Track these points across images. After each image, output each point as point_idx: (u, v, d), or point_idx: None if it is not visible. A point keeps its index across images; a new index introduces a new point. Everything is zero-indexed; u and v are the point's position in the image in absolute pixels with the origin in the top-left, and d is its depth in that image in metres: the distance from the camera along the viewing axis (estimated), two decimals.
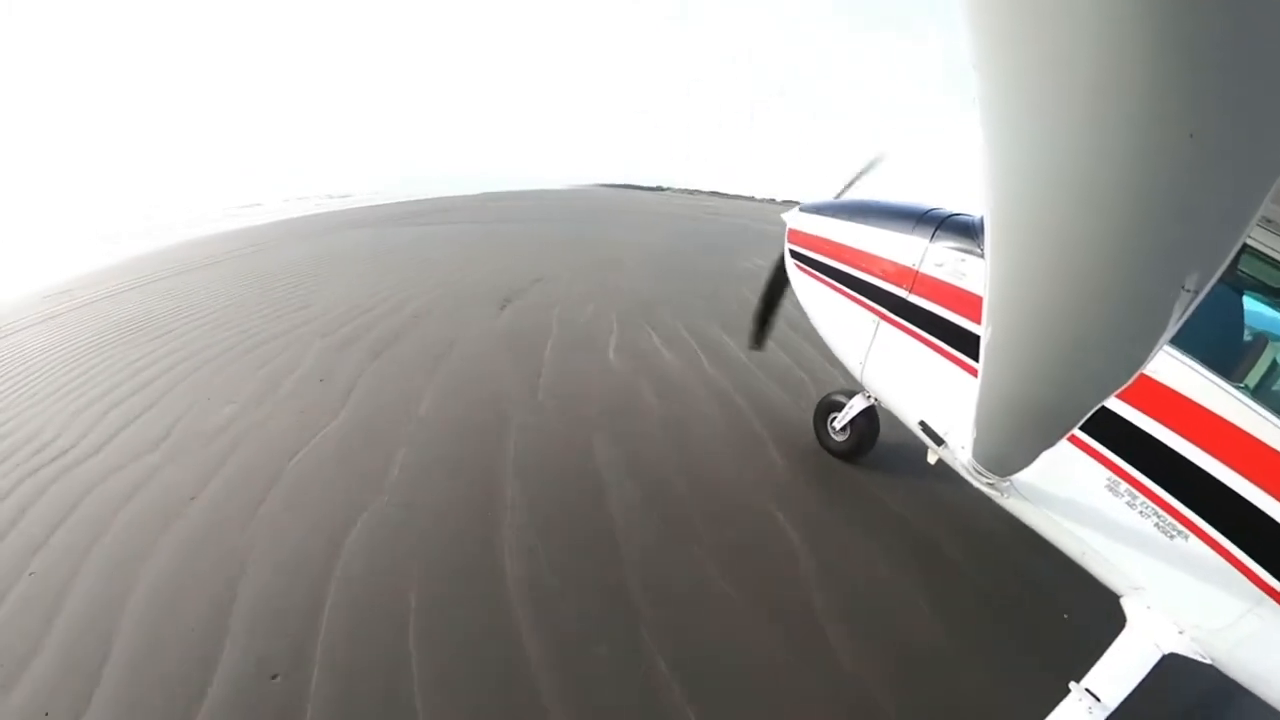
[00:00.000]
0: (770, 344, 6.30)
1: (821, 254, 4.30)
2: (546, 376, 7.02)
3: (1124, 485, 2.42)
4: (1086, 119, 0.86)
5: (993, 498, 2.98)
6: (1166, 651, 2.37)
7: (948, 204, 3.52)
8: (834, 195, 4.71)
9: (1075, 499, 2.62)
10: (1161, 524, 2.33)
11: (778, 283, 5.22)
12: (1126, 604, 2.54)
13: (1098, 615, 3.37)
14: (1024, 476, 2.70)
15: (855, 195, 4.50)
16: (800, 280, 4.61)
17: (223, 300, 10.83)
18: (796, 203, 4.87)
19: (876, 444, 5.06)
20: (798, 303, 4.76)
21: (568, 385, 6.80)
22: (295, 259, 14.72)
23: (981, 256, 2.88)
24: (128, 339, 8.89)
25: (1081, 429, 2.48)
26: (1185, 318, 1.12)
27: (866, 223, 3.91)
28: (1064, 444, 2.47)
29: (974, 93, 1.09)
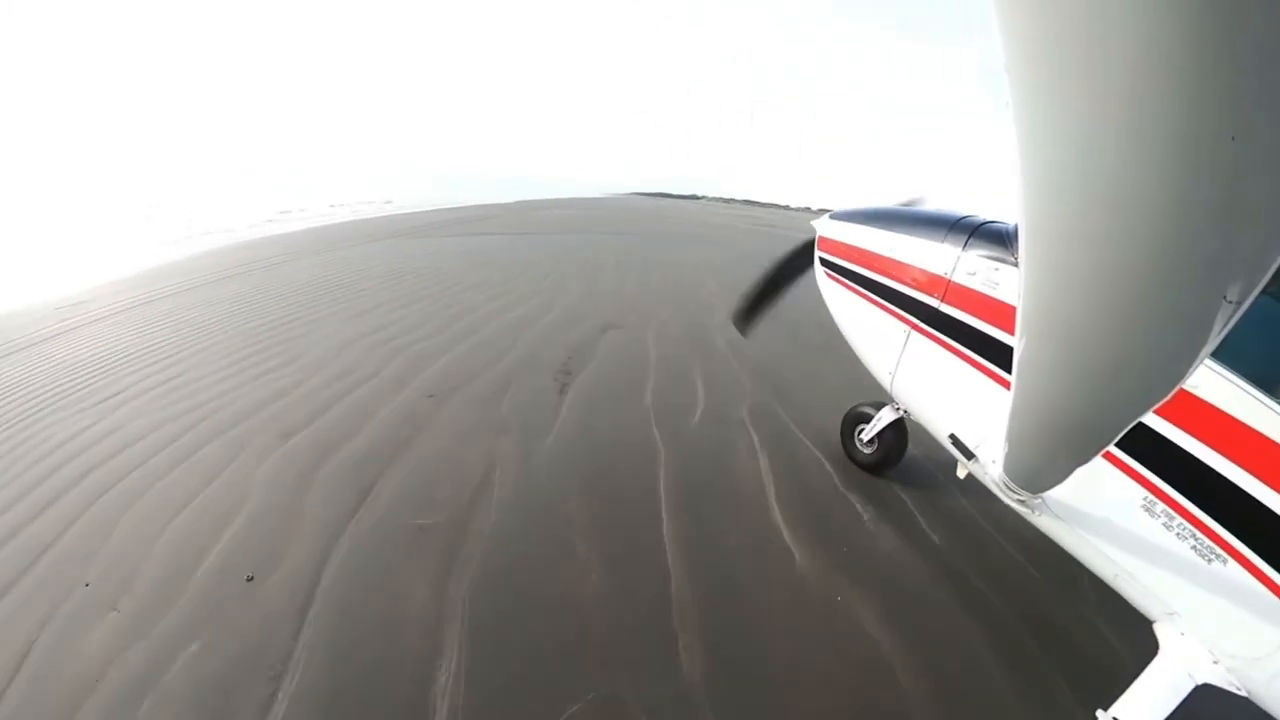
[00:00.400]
0: None
1: (852, 262, 4.26)
2: (686, 613, 3.43)
3: (1160, 505, 2.35)
4: (1124, 122, 0.85)
5: (1024, 515, 2.91)
6: (1200, 682, 2.29)
7: (979, 210, 3.47)
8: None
9: (1109, 518, 2.55)
10: (1199, 546, 2.25)
11: (780, 276, 5.20)
12: (1159, 630, 2.45)
13: (1129, 640, 3.30)
14: (1057, 494, 2.63)
15: (884, 203, 4.45)
16: (829, 288, 4.57)
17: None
18: (829, 211, 4.85)
19: (904, 457, 4.98)
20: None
21: (734, 640, 3.26)
22: (292, 288, 11.94)
23: (1015, 265, 2.83)
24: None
25: (1117, 445, 2.41)
26: (1227, 330, 1.08)
27: (898, 231, 3.86)
28: (1099, 461, 2.41)
29: (1007, 96, 1.08)
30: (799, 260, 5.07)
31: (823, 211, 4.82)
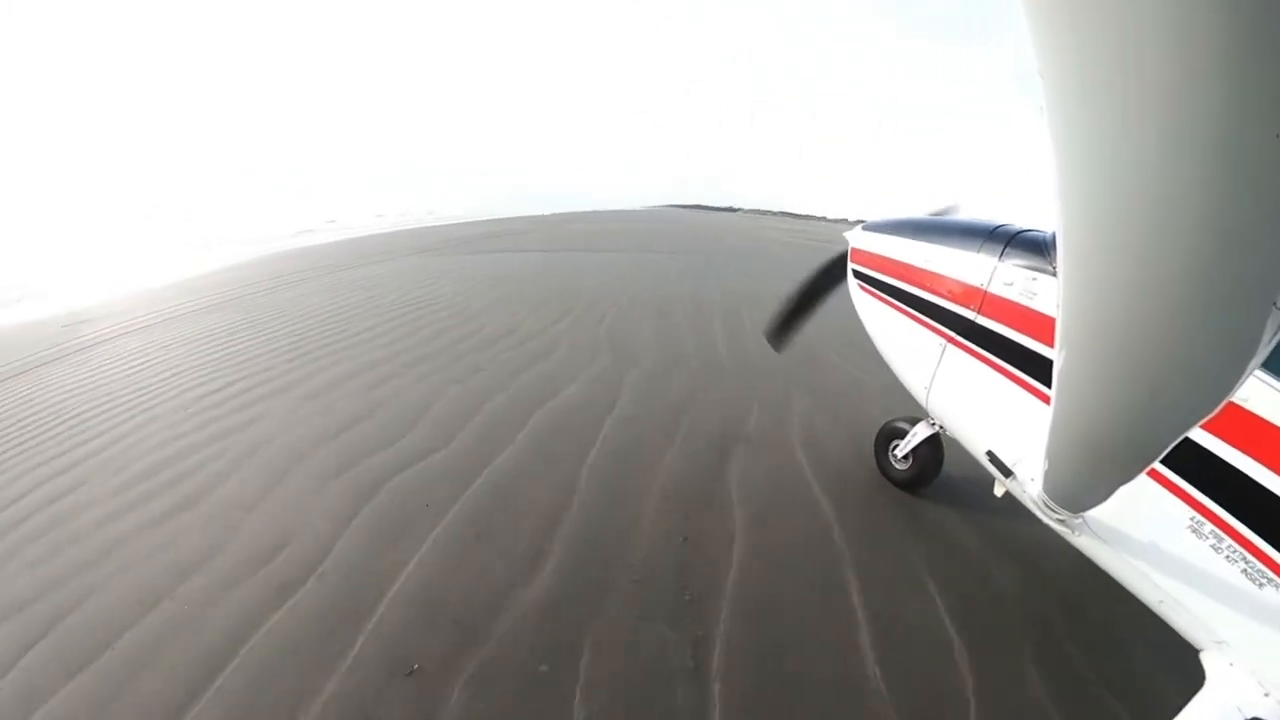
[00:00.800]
0: None
1: (885, 273, 4.20)
2: None
3: (1209, 526, 2.24)
4: (1163, 123, 0.82)
5: (1063, 535, 2.81)
6: (1249, 717, 2.16)
7: (1011, 217, 3.39)
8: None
9: (1154, 540, 2.44)
10: (1250, 570, 2.13)
11: (818, 287, 5.14)
12: (1206, 660, 2.32)
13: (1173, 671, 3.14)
14: (1098, 514, 2.53)
15: (918, 213, 4.39)
16: (863, 301, 4.51)
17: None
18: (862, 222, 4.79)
19: (940, 474, 4.86)
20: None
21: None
22: (258, 341, 9.31)
23: (1054, 275, 2.75)
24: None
25: (1163, 462, 2.31)
26: (1278, 339, 1.04)
27: (932, 241, 3.80)
28: (1143, 479, 2.31)
29: (1042, 100, 1.05)
30: (835, 271, 5.01)
31: (859, 222, 4.77)
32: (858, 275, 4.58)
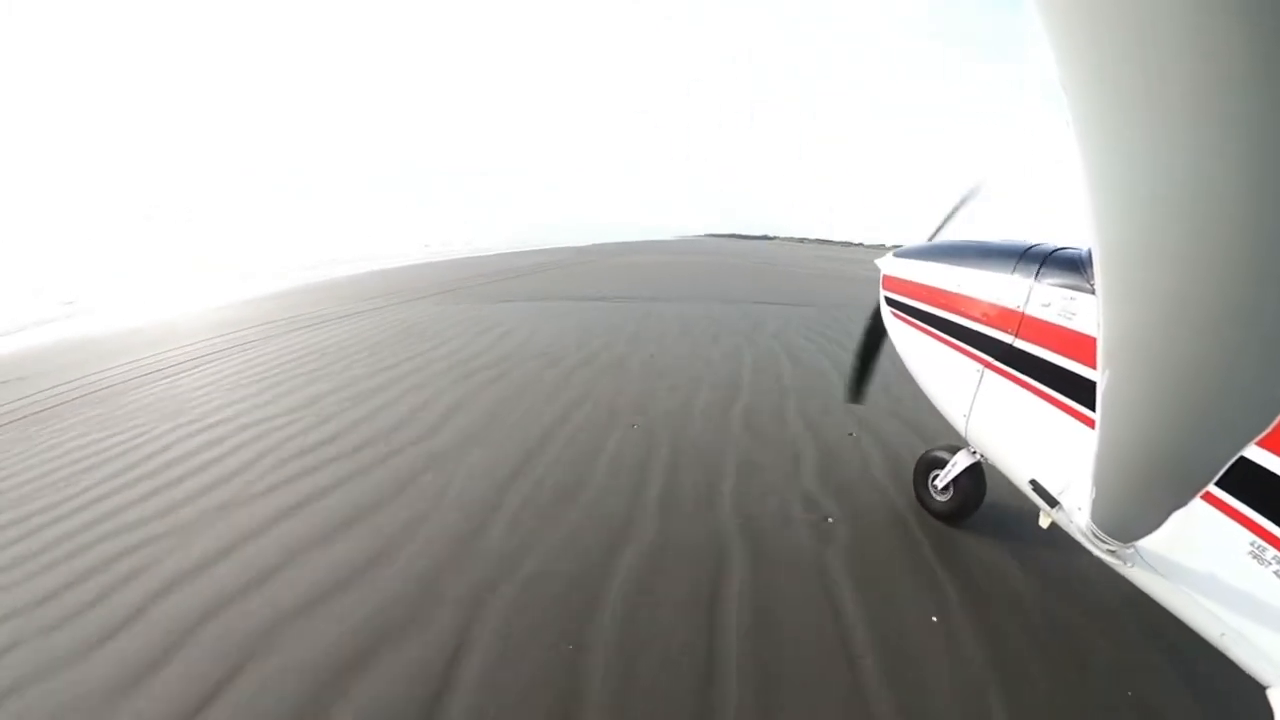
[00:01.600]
0: None
1: (919, 300, 4.16)
2: None
3: (1271, 551, 2.11)
4: (1198, 127, 0.81)
5: (1114, 567, 2.68)
6: None
7: (1051, 238, 3.33)
8: (930, 233, 4.58)
9: (1212, 569, 2.31)
10: None
11: (875, 331, 5.09)
12: (1274, 696, 2.18)
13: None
14: (1151, 543, 2.42)
15: (949, 236, 4.35)
16: (897, 329, 4.47)
17: None
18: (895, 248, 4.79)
19: (981, 505, 4.71)
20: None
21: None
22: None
23: (1092, 292, 2.69)
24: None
25: (1218, 484, 2.20)
26: None
27: (964, 264, 3.75)
28: (1197, 503, 2.20)
29: (1066, 113, 1.05)
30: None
31: (894, 247, 4.76)
32: (891, 303, 4.55)
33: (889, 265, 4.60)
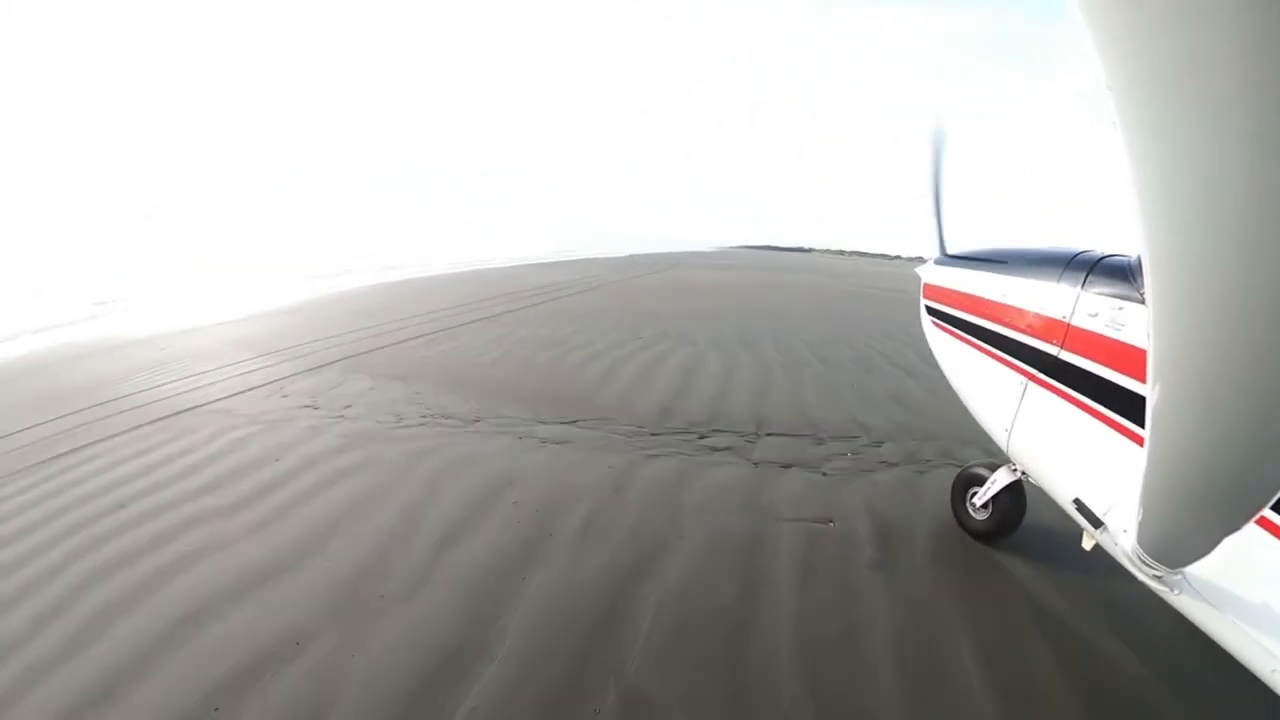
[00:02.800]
0: None
1: (960, 309, 4.06)
2: None
3: None
4: (1254, 127, 0.75)
5: (1160, 594, 2.56)
6: None
7: (1099, 245, 3.21)
8: (934, 231, 4.49)
9: (1266, 600, 2.17)
10: None
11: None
12: None
13: None
14: (1200, 569, 2.29)
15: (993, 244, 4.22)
16: (938, 338, 4.37)
17: None
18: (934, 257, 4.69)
19: (1022, 524, 4.55)
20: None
21: None
22: None
23: (1142, 302, 2.58)
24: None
25: (1274, 508, 2.08)
26: None
27: (1008, 272, 3.64)
28: (1251, 528, 2.08)
29: (1113, 115, 1.00)
30: None
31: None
32: (931, 311, 4.45)
33: (929, 273, 4.51)
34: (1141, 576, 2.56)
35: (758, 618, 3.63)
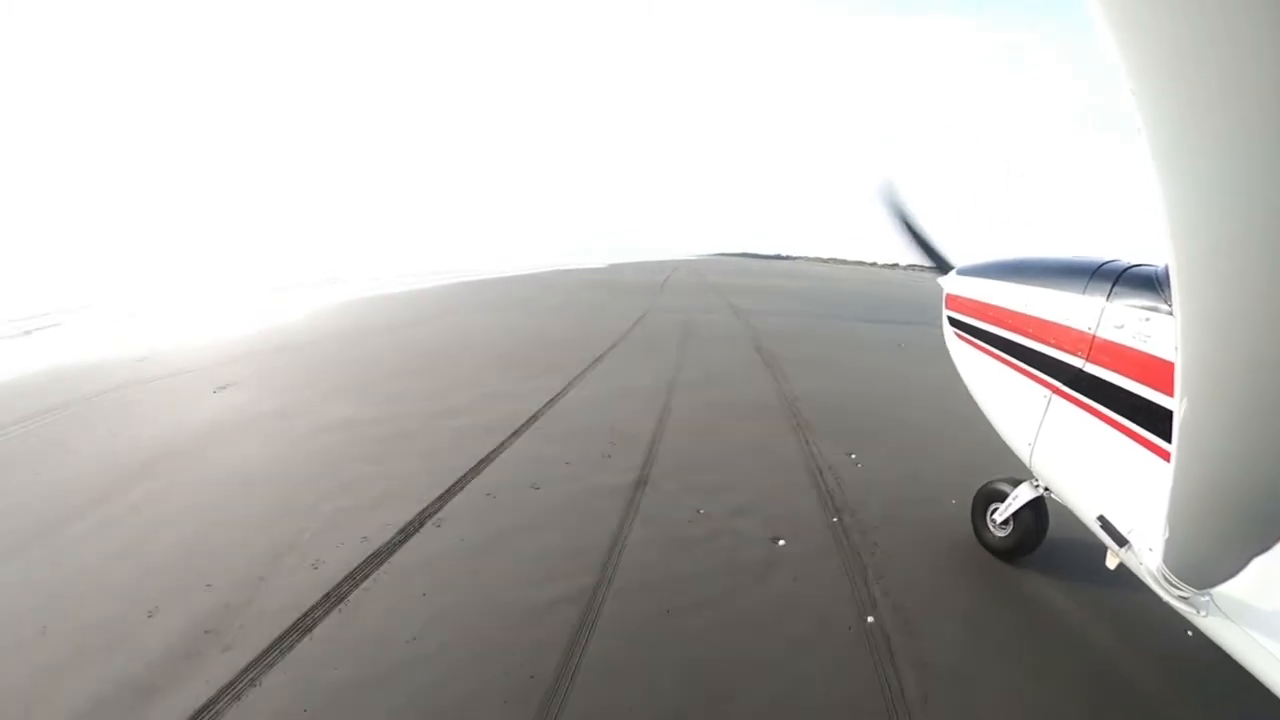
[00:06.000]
0: None
1: (982, 319, 4.00)
2: None
3: None
4: None
5: (1187, 616, 2.48)
6: None
7: (1125, 255, 3.15)
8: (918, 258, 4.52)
9: None
10: None
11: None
12: None
13: None
14: (1229, 590, 2.22)
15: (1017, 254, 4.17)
16: (959, 350, 4.31)
17: None
18: (921, 267, 4.68)
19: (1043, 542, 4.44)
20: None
21: None
22: None
23: (1170, 313, 2.52)
24: None
25: None
26: None
27: (1031, 282, 3.59)
28: None
29: (1137, 121, 0.98)
30: None
31: (912, 268, 4.66)
32: (953, 323, 4.40)
33: (951, 283, 4.45)
34: (1167, 597, 2.50)
35: None
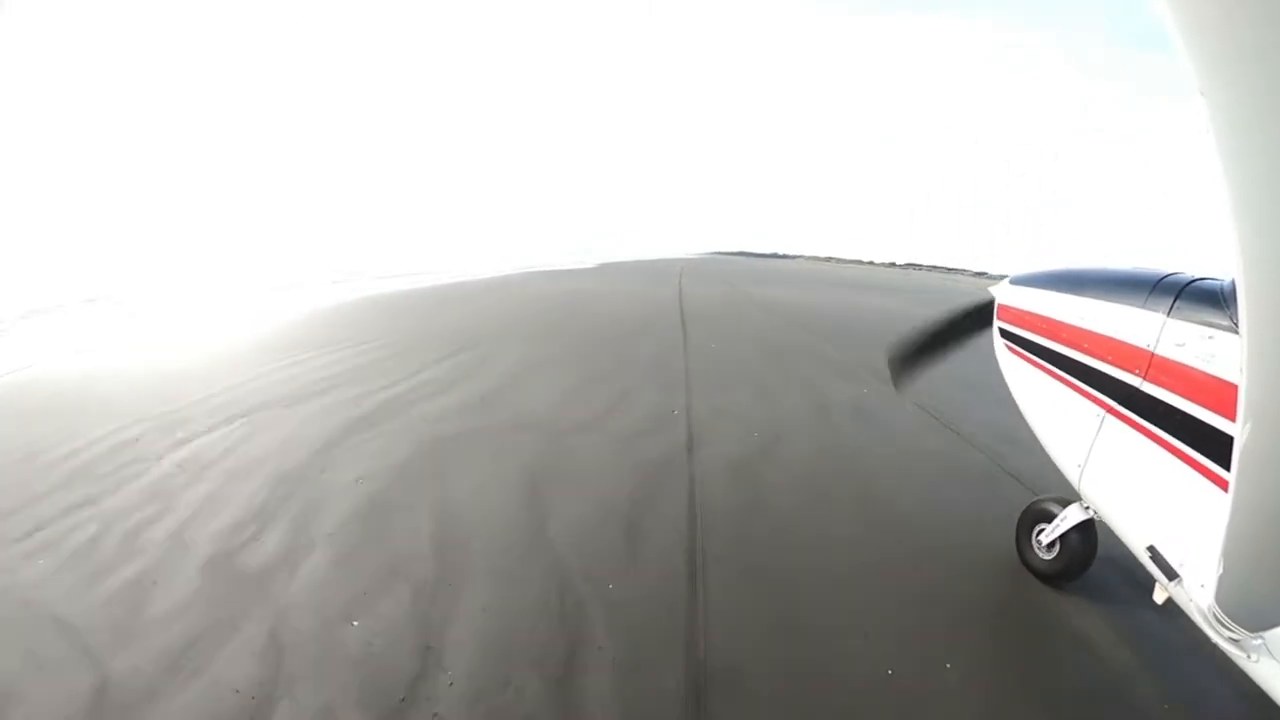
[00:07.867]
0: None
1: (1035, 332, 3.84)
2: None
3: None
4: None
5: (1235, 659, 2.32)
6: None
7: (1188, 268, 2.96)
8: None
9: None
10: None
11: (946, 334, 4.88)
12: None
13: None
14: None
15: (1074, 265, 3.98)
16: (1009, 363, 4.14)
17: None
18: (920, 266, 4.51)
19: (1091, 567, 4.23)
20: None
21: None
22: None
23: (1235, 331, 2.35)
24: None
25: None
26: None
27: (1089, 295, 3.41)
28: None
29: (1205, 123, 0.90)
30: (972, 321, 4.72)
31: (909, 267, 4.50)
32: (1004, 335, 4.23)
33: (1004, 293, 4.28)
34: (1216, 638, 2.34)
35: None
